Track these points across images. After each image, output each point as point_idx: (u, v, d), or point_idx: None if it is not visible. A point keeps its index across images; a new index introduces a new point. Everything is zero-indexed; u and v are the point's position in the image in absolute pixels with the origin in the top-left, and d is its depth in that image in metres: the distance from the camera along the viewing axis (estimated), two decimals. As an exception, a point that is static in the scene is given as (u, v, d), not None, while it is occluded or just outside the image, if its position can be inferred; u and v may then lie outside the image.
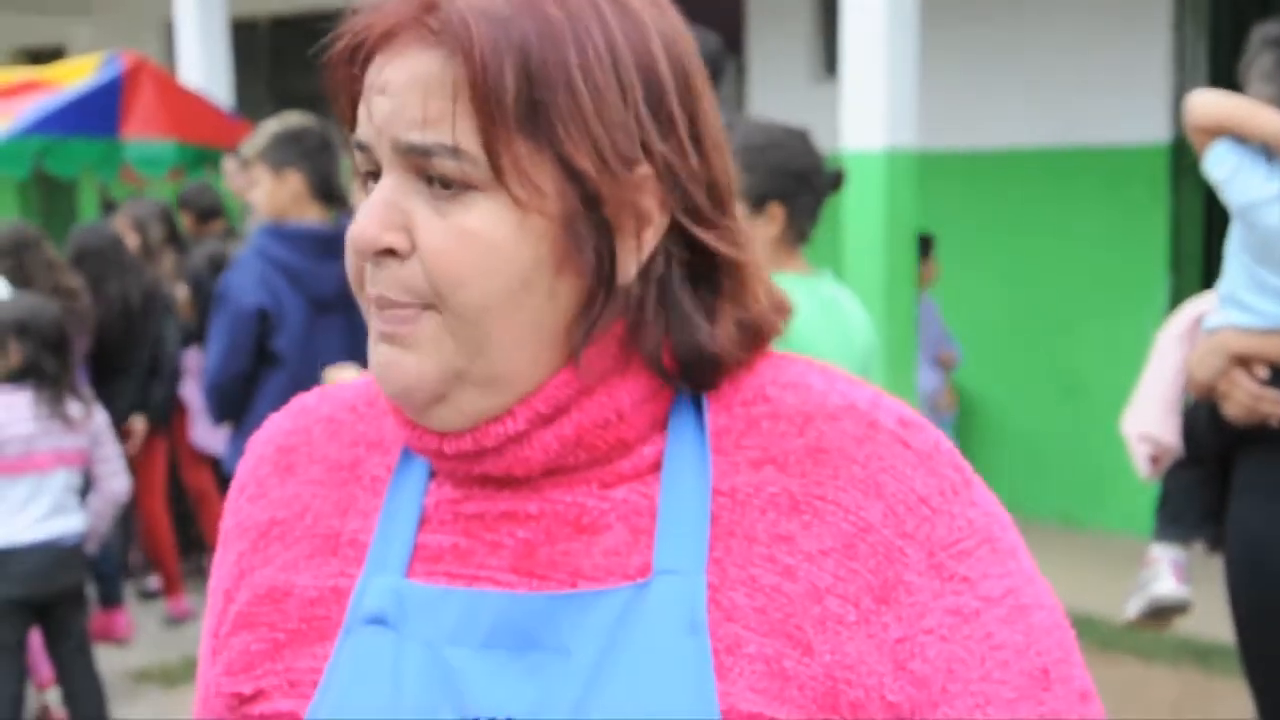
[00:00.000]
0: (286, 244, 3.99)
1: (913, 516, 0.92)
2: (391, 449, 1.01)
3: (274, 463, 1.05)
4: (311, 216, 4.03)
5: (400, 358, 0.91)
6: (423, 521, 0.97)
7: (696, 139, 0.93)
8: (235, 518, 1.06)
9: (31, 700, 4.72)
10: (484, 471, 0.94)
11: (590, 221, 0.89)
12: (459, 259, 0.88)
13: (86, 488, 4.31)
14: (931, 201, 6.50)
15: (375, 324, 0.92)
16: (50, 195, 11.51)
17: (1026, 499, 7.01)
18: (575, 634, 0.89)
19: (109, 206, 7.71)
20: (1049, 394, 7.36)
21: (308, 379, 3.84)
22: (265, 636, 0.98)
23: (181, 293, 6.23)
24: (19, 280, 4.87)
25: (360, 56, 0.92)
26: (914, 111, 5.68)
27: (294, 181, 3.99)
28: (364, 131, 0.91)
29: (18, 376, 4.07)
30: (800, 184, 2.74)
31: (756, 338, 0.97)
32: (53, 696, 4.77)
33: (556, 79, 0.87)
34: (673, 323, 0.93)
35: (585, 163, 0.88)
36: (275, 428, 1.08)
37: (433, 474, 0.98)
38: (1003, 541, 0.95)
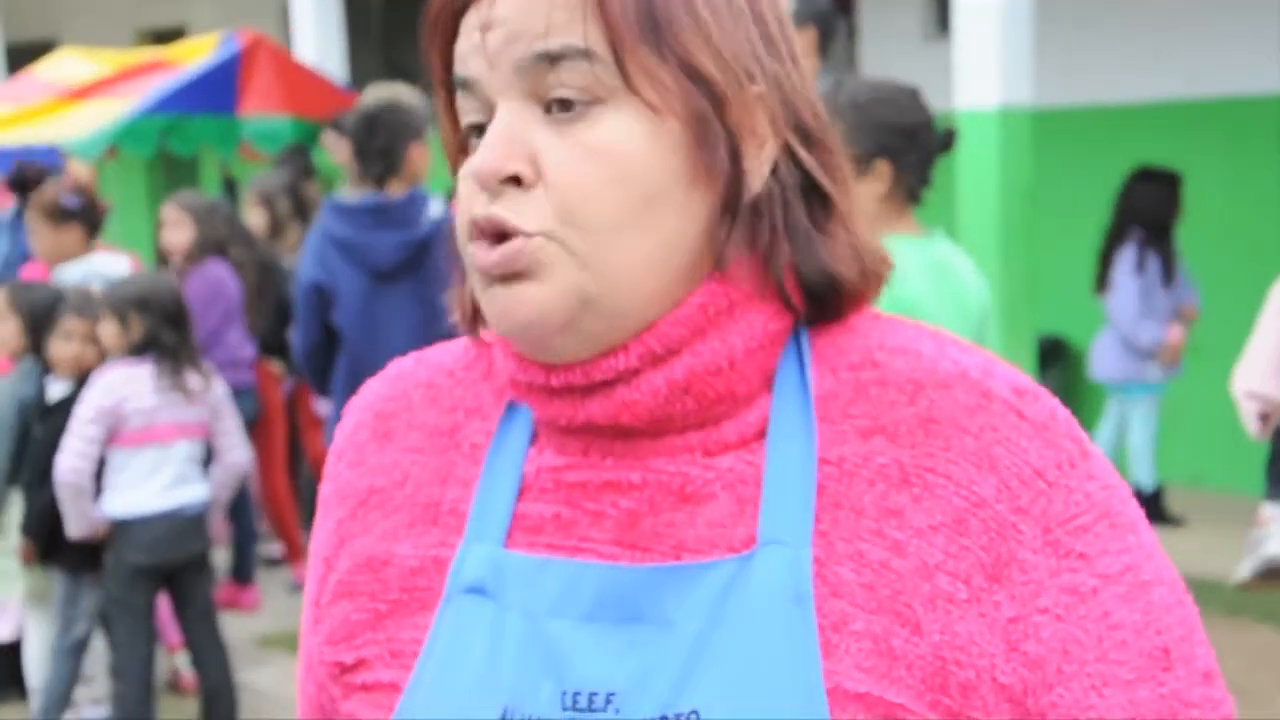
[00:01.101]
0: (341, 218, 4.04)
1: (1027, 490, 0.89)
2: (490, 415, 0.99)
3: (372, 429, 1.04)
4: (366, 189, 4.07)
5: (519, 290, 0.87)
6: (523, 490, 0.95)
7: (794, 60, 0.93)
8: (334, 484, 1.05)
9: (163, 663, 4.85)
10: (589, 418, 0.91)
11: (717, 129, 0.88)
12: (589, 174, 0.86)
13: (208, 459, 4.40)
14: (1047, 159, 6.37)
15: (486, 263, 0.88)
16: (173, 173, 11.75)
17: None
18: (679, 607, 0.87)
19: (229, 183, 7.85)
20: (1173, 354, 7.20)
21: (369, 350, 3.91)
22: (365, 606, 0.98)
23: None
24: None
25: (457, 4, 0.90)
26: (1028, 68, 5.57)
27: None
28: (471, 67, 0.89)
29: (138, 350, 4.16)
30: (908, 141, 2.68)
31: (867, 271, 0.94)
32: (182, 660, 4.89)
33: None
34: (796, 244, 0.91)
35: (710, 66, 0.87)
36: (373, 393, 1.07)
37: (533, 440, 0.97)
38: (1122, 516, 0.91)
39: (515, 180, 0.87)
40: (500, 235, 0.87)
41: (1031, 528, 0.88)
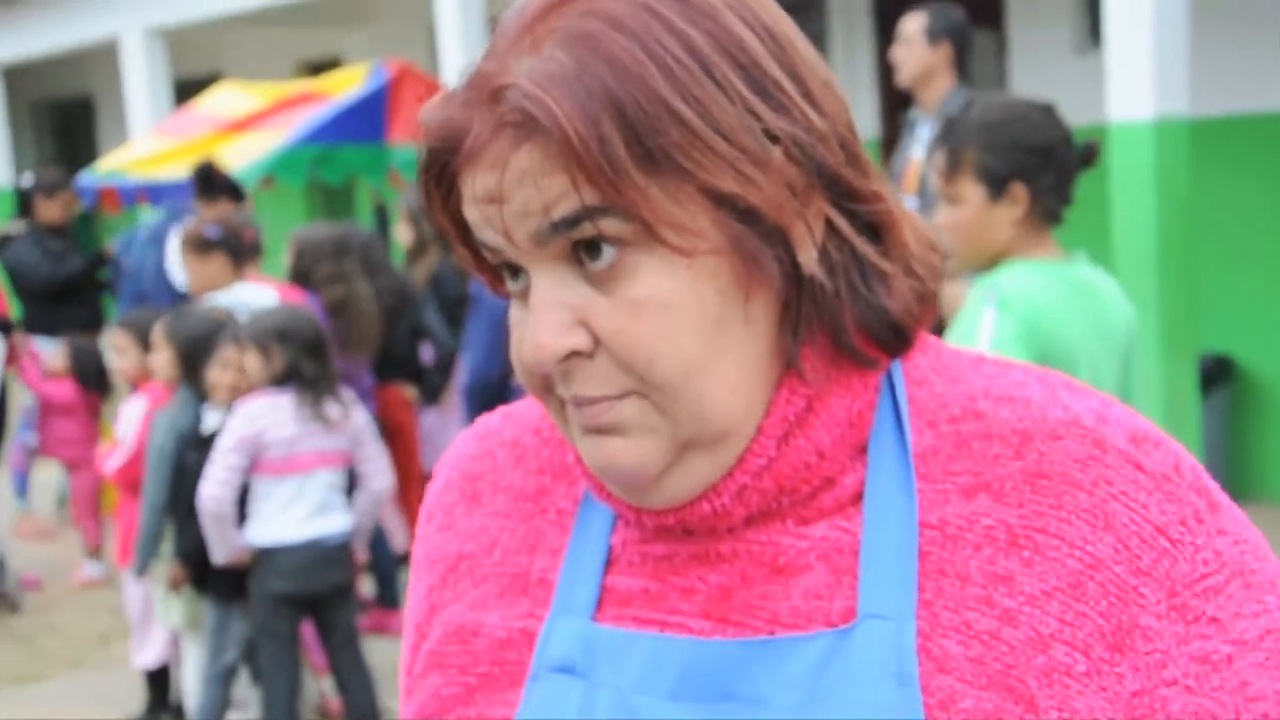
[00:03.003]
0: None
1: (1149, 550, 0.81)
2: (577, 479, 0.96)
3: (460, 490, 1.01)
4: None
5: (614, 444, 0.83)
6: (610, 562, 0.91)
7: (807, 95, 0.83)
8: (424, 548, 1.02)
9: (311, 687, 4.92)
10: (681, 523, 0.88)
11: (758, 234, 0.82)
12: (643, 334, 0.80)
13: (353, 487, 4.45)
14: (1205, 170, 6.14)
15: (577, 419, 0.85)
16: (329, 202, 12.01)
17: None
18: (772, 684, 0.82)
19: (381, 211, 7.98)
20: (1345, 370, 6.89)
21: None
22: (456, 680, 0.95)
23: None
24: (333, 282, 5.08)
25: (446, 174, 0.84)
26: (1184, 77, 5.39)
27: None
28: (489, 238, 0.83)
29: (280, 381, 4.23)
30: (1044, 160, 2.58)
31: (926, 287, 0.88)
32: (329, 684, 4.94)
33: (658, 114, 0.77)
34: (858, 308, 0.85)
35: (726, 183, 0.79)
36: (461, 451, 1.04)
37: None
38: (1259, 574, 0.83)
39: (575, 352, 0.82)
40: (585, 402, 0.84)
41: (1155, 591, 0.81)
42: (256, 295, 4.98)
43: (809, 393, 0.85)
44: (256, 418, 4.18)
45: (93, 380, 6.96)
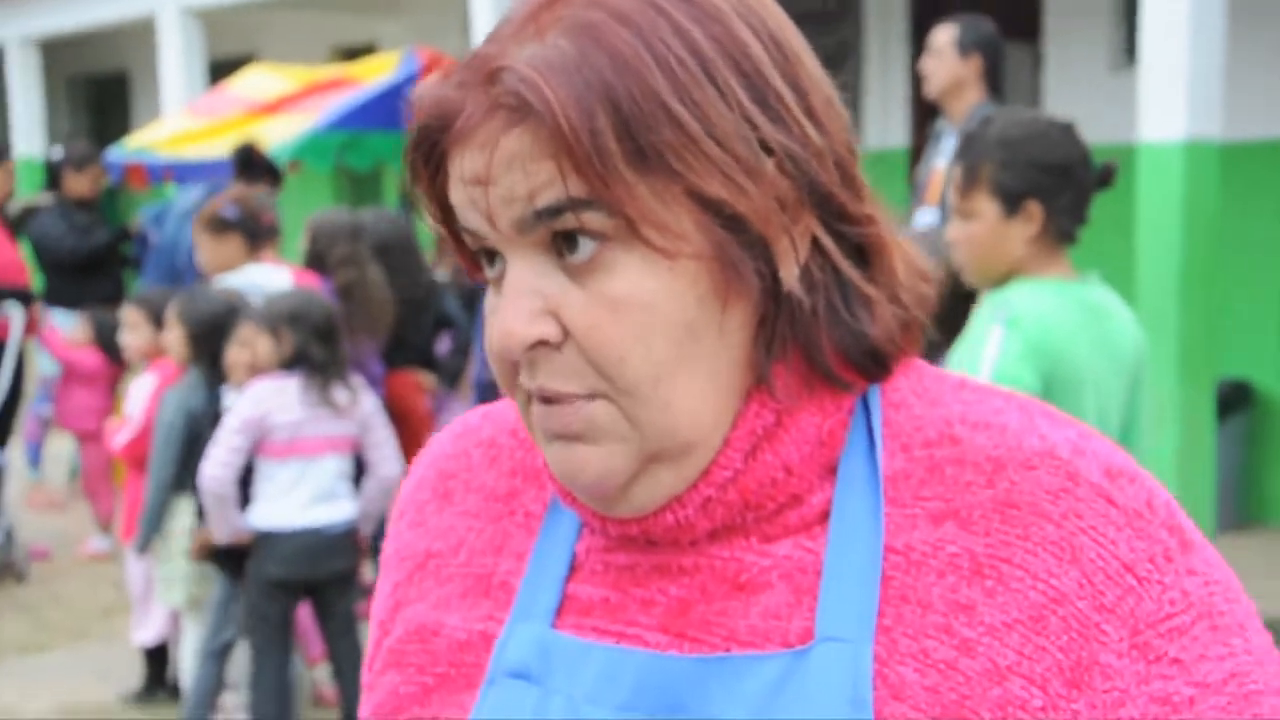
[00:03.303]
0: None
1: (1114, 587, 0.80)
2: (548, 482, 0.95)
3: (433, 488, 1.01)
4: None
5: (580, 452, 0.83)
6: (574, 569, 0.91)
7: (809, 110, 0.82)
8: (394, 544, 1.02)
9: (305, 676, 4.92)
10: (644, 532, 0.87)
11: (740, 243, 0.80)
12: (615, 331, 0.79)
13: (360, 473, 4.44)
14: (1234, 194, 6.09)
15: (541, 422, 0.84)
16: (357, 188, 12.03)
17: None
18: (726, 702, 0.81)
19: (406, 198, 7.99)
20: (1368, 403, 6.83)
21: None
22: (414, 679, 0.94)
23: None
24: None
25: (435, 153, 0.83)
26: (1218, 99, 5.35)
27: None
28: (471, 221, 0.83)
29: (289, 364, 4.22)
30: (1061, 180, 2.55)
31: (912, 316, 0.87)
32: (323, 672, 4.93)
33: (653, 111, 0.77)
34: (836, 330, 0.84)
35: (715, 187, 0.78)
36: (438, 449, 1.03)
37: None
38: (1228, 616, 0.82)
39: (544, 342, 0.81)
40: (552, 398, 0.83)
41: (1117, 628, 0.79)
42: (268, 277, 4.97)
43: (779, 408, 0.84)
44: (262, 400, 4.18)
45: (114, 352, 7.00)
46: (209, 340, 4.49)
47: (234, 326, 4.38)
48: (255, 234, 5.22)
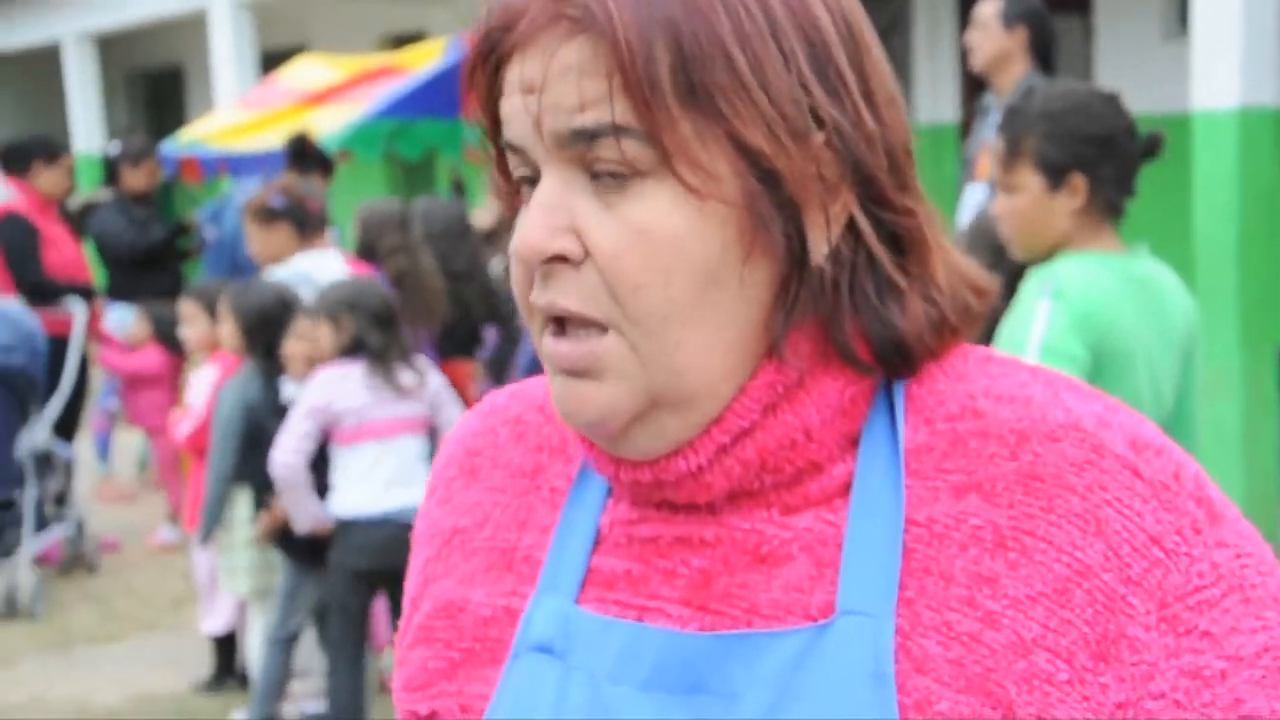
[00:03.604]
0: None
1: (1140, 559, 0.79)
2: (574, 456, 0.96)
3: (460, 465, 1.01)
4: None
5: (584, 388, 0.83)
6: (598, 542, 0.91)
7: (868, 96, 0.84)
8: (424, 522, 1.03)
9: (372, 664, 4.96)
10: (664, 498, 0.88)
11: (772, 201, 0.81)
12: (636, 260, 0.80)
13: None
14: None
15: (551, 351, 0.85)
16: (409, 176, 12.09)
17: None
18: (746, 678, 0.81)
19: (458, 186, 8.02)
20: None
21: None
22: (441, 654, 0.95)
23: None
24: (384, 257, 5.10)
25: (495, 57, 0.85)
26: (1272, 65, 5.27)
27: None
28: (515, 132, 0.84)
29: (350, 350, 4.25)
30: (1104, 151, 2.53)
31: (945, 321, 0.87)
32: (387, 660, 4.96)
33: (712, 53, 0.79)
34: (862, 312, 0.84)
35: (757, 138, 0.80)
36: (465, 428, 1.04)
37: (610, 490, 0.93)
38: (1260, 589, 0.81)
39: (562, 258, 0.82)
40: (561, 321, 0.84)
41: (1144, 601, 0.79)
42: (319, 265, 5.01)
43: (801, 369, 0.84)
44: (326, 387, 4.21)
45: (174, 345, 7.08)
46: (262, 331, 4.53)
47: (287, 317, 4.42)
48: (304, 222, 5.23)
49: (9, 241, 7.08)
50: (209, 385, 4.87)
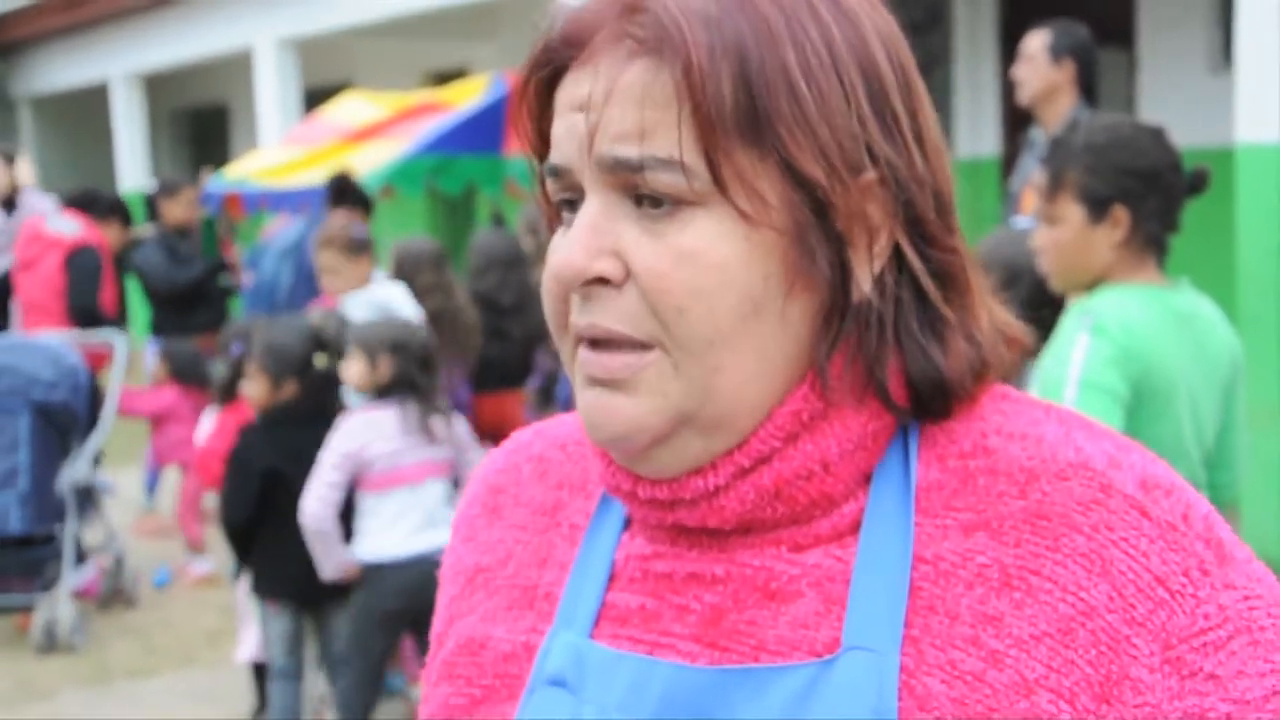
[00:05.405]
0: None
1: (1145, 600, 0.79)
2: (593, 493, 0.96)
3: (484, 503, 1.02)
4: None
5: (615, 400, 0.83)
6: (613, 578, 0.91)
7: (920, 139, 0.85)
8: (449, 559, 1.04)
9: (411, 693, 4.95)
10: (677, 520, 0.87)
11: (821, 233, 0.81)
12: (681, 282, 0.80)
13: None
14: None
15: (584, 365, 0.84)
16: (450, 211, 12.15)
17: None
18: (751, 713, 0.81)
19: (498, 220, 8.06)
20: None
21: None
22: (463, 690, 0.96)
23: None
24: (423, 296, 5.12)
25: (551, 69, 0.85)
26: (1317, 99, 5.22)
27: None
28: (563, 154, 0.84)
29: (384, 391, 4.24)
30: (1148, 185, 2.50)
31: (984, 365, 0.86)
32: (418, 693, 4.93)
33: (777, 82, 0.80)
34: (905, 350, 0.84)
35: (813, 169, 0.80)
36: (489, 465, 1.05)
37: (626, 525, 0.93)
38: (1269, 631, 0.80)
39: (602, 280, 0.82)
40: (601, 341, 0.83)
41: (1148, 643, 0.78)
42: (391, 295, 5.04)
43: (828, 400, 0.84)
44: (358, 433, 4.18)
45: (193, 379, 7.11)
46: (289, 381, 4.46)
47: (314, 355, 4.40)
48: (373, 254, 5.32)
49: (81, 269, 7.18)
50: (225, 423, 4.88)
